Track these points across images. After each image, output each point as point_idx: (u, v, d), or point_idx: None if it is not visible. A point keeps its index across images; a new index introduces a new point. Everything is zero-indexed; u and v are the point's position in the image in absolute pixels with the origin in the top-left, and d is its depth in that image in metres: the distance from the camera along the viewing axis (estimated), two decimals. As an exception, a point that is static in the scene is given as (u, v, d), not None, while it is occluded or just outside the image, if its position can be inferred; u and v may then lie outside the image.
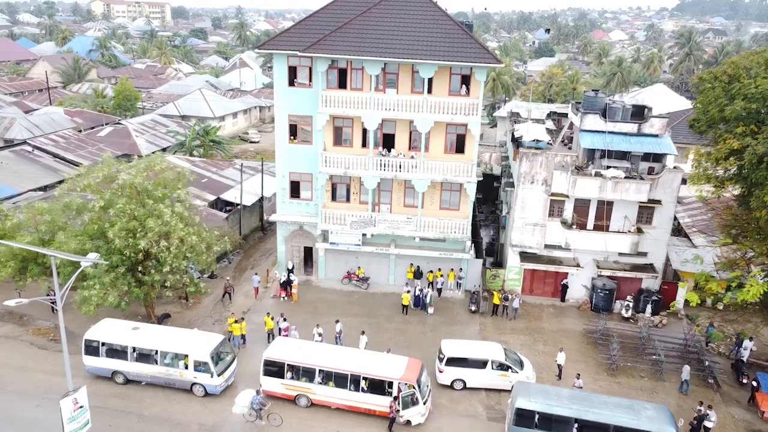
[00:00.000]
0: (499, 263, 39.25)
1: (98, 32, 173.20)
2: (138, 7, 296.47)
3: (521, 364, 28.02)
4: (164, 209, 28.56)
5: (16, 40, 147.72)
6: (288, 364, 25.92)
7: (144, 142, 58.67)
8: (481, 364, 27.39)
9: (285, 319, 31.03)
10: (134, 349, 26.60)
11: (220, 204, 44.78)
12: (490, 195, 49.30)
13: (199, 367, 26.04)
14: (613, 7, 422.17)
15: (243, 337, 30.66)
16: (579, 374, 27.39)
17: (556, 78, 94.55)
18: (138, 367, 26.69)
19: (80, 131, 61.12)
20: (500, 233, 42.26)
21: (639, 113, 35.42)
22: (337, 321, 30.64)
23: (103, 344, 26.82)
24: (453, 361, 27.45)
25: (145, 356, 26.57)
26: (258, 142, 77.58)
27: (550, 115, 47.36)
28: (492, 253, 41.61)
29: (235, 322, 30.50)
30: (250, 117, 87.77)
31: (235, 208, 43.93)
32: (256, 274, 36.38)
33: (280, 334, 30.25)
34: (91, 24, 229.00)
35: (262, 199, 46.27)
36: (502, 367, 27.40)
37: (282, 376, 25.95)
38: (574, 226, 34.18)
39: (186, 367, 26.20)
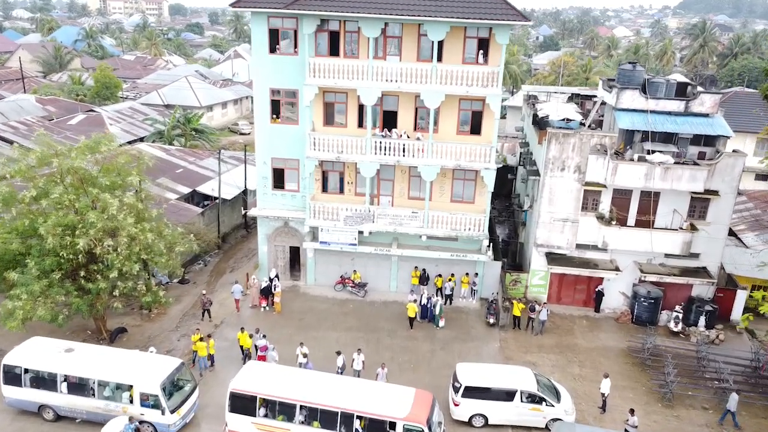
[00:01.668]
0: (518, 266, 33.62)
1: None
2: (135, 4, 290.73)
3: (557, 395, 22.35)
4: (110, 200, 23.02)
5: (3, 33, 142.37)
6: (261, 398, 20.24)
7: (119, 131, 52.97)
8: (508, 394, 21.77)
9: (264, 336, 25.39)
10: (66, 378, 20.95)
11: (197, 198, 39.28)
12: (504, 188, 43.69)
13: (147, 401, 20.41)
14: (615, 6, 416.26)
15: (211, 357, 25.02)
16: (633, 410, 21.56)
17: (567, 67, 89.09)
18: (71, 401, 21.02)
19: (51, 119, 55.77)
20: (518, 231, 36.66)
21: (682, 91, 30.37)
22: (339, 353, 24.40)
23: (26, 371, 21.16)
24: (472, 391, 21.84)
25: (79, 386, 20.91)
26: (248, 133, 71.85)
27: (572, 97, 41.76)
28: (507, 254, 36.00)
29: (201, 339, 24.77)
30: (242, 108, 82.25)
31: (213, 202, 38.32)
32: (236, 282, 30.48)
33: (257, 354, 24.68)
34: (86, 20, 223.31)
35: (245, 192, 40.61)
36: (534, 398, 21.77)
37: (253, 413, 20.27)
38: (613, 222, 28.63)
39: (131, 401, 20.57)
